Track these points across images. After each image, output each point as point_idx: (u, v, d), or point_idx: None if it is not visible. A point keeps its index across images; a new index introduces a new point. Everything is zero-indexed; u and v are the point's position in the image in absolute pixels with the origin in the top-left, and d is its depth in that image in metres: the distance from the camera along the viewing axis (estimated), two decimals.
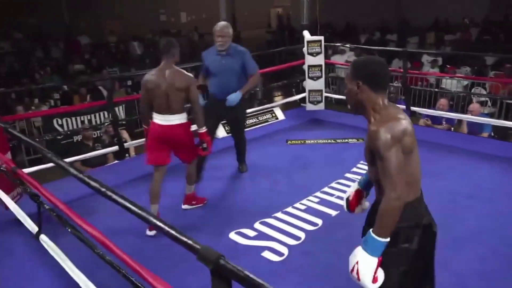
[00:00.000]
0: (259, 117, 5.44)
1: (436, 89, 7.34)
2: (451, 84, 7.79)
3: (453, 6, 15.25)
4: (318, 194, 3.52)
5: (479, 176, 3.72)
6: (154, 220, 1.40)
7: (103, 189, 1.60)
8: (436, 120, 5.27)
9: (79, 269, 1.95)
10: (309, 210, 3.28)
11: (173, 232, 1.31)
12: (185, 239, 1.27)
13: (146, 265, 1.55)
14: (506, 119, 6.36)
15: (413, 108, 5.41)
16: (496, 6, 15.59)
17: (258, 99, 6.36)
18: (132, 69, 10.63)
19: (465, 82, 7.88)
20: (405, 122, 1.61)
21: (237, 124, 3.91)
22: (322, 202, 3.41)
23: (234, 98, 3.58)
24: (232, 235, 2.99)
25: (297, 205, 3.35)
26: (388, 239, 1.58)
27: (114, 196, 1.55)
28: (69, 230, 1.70)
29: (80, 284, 1.92)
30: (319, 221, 3.13)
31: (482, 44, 11.20)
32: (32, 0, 13.06)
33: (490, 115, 6.41)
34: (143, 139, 4.79)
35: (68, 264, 1.88)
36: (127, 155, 5.11)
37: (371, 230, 1.60)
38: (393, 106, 1.71)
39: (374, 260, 1.57)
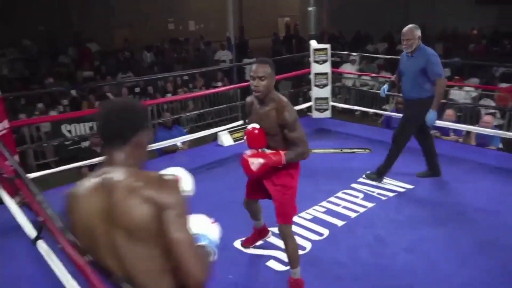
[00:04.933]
0: None
1: (444, 100, 7.27)
2: (459, 95, 7.73)
3: (460, 16, 15.25)
4: (324, 203, 3.49)
5: (483, 188, 3.68)
6: None
7: None
8: (444, 131, 5.23)
9: (74, 277, 1.91)
10: (315, 220, 3.25)
11: None
12: None
13: None
14: None
15: None
16: (505, 18, 15.57)
17: None
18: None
19: (473, 94, 7.82)
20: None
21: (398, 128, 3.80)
22: (329, 212, 3.38)
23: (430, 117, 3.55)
24: (237, 244, 2.96)
25: (303, 214, 3.31)
26: None
27: None
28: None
29: None
30: (325, 231, 3.10)
31: (492, 56, 11.16)
32: (41, 8, 13.26)
33: (499, 127, 6.34)
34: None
35: (62, 272, 1.84)
36: None
37: None
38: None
39: None
